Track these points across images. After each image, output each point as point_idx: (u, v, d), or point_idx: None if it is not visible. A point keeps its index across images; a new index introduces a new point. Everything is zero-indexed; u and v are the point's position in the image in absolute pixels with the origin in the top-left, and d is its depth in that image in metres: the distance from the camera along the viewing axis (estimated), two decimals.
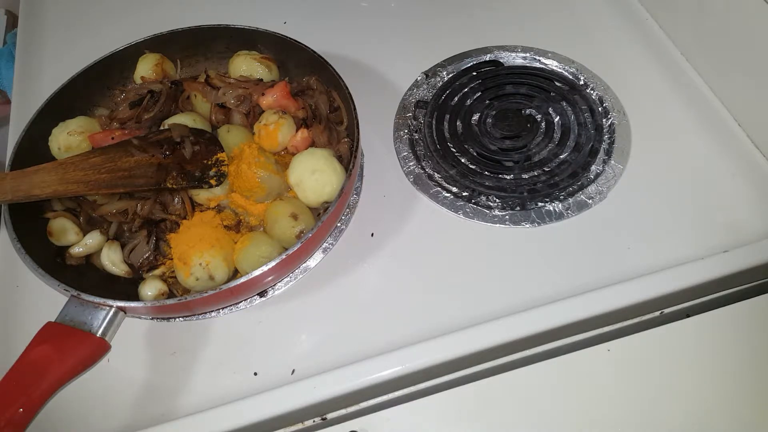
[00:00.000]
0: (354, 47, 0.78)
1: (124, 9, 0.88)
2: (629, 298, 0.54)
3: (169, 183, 0.60)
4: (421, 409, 0.52)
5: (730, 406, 0.50)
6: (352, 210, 0.65)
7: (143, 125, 0.65)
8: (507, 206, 0.63)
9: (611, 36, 0.77)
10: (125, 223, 0.61)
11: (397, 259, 0.61)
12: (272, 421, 0.52)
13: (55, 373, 0.48)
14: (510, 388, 0.52)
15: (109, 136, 0.63)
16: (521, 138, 0.68)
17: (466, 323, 0.54)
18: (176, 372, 0.57)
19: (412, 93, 0.74)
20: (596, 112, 0.70)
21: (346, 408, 0.55)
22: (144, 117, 0.66)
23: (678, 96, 0.70)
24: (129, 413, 0.55)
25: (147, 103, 0.66)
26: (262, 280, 0.54)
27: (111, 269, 0.59)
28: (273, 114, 0.64)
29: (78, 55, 0.72)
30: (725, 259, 0.55)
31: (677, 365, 0.52)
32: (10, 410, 0.46)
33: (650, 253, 0.59)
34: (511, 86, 0.73)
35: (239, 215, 0.62)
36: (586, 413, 0.51)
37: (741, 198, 0.62)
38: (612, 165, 0.65)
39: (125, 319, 0.54)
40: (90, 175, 0.58)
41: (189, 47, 0.72)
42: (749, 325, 0.54)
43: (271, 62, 0.69)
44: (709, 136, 0.67)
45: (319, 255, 0.62)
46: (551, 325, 0.53)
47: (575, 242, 0.61)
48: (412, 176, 0.67)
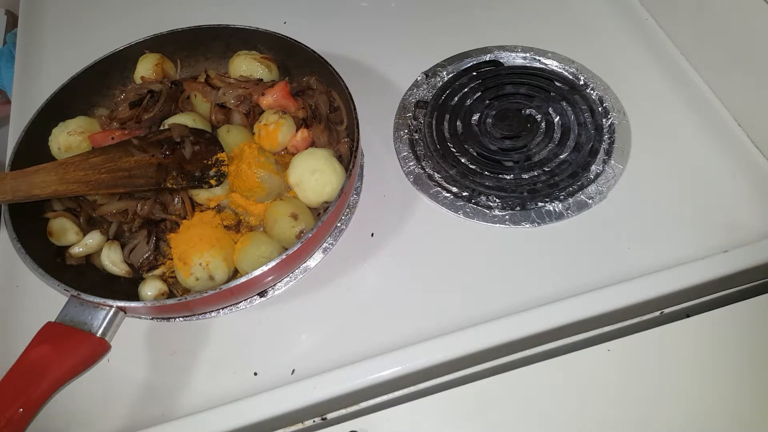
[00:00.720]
0: (354, 47, 0.78)
1: (124, 9, 0.88)
2: (629, 298, 0.54)
3: (169, 183, 0.60)
4: (421, 409, 0.52)
5: (730, 406, 0.50)
6: (352, 210, 0.65)
7: (143, 125, 0.65)
8: (507, 206, 0.63)
9: (611, 36, 0.77)
10: (125, 223, 0.61)
11: (397, 259, 0.61)
12: (272, 421, 0.52)
13: (55, 373, 0.48)
14: (510, 389, 0.52)
15: (109, 136, 0.63)
16: (521, 138, 0.68)
17: (466, 323, 0.54)
18: (176, 372, 0.57)
19: (412, 93, 0.74)
20: (596, 112, 0.70)
21: (346, 408, 0.55)
22: (144, 117, 0.65)
23: (678, 96, 0.70)
24: (129, 413, 0.55)
25: (147, 103, 0.66)
26: (262, 280, 0.54)
27: (111, 269, 0.59)
28: (273, 114, 0.64)
29: (78, 55, 0.72)
30: (725, 259, 0.55)
31: (677, 365, 0.52)
32: (9, 410, 0.46)
33: (650, 253, 0.59)
34: (511, 86, 0.73)
35: (239, 215, 0.62)
36: (586, 413, 0.51)
37: (741, 198, 0.62)
38: (612, 165, 0.65)
39: (125, 319, 0.54)
40: (90, 175, 0.58)
41: (189, 47, 0.72)
42: (749, 325, 0.54)
43: (271, 62, 0.69)
44: (709, 136, 0.67)
45: (319, 255, 0.62)
46: (551, 325, 0.53)
47: (575, 242, 0.61)
48: (412, 176, 0.67)
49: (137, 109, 0.66)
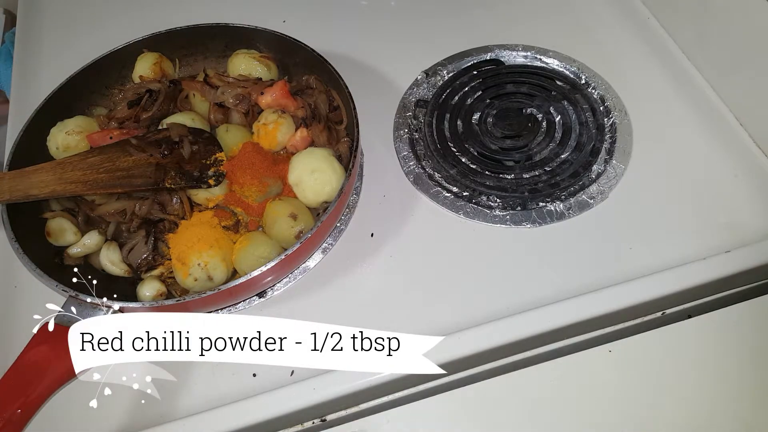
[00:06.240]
0: (354, 46, 0.78)
1: (122, 8, 0.88)
2: (630, 299, 0.54)
3: (167, 183, 0.60)
4: (420, 411, 0.51)
5: (731, 407, 0.50)
6: (352, 210, 0.65)
7: (141, 125, 0.65)
8: (508, 206, 0.63)
9: (613, 35, 0.77)
10: (123, 223, 0.60)
11: (397, 260, 0.61)
12: (271, 423, 0.51)
13: (53, 373, 0.48)
14: (511, 390, 0.52)
15: (108, 135, 0.63)
16: (522, 137, 0.68)
17: (466, 324, 0.53)
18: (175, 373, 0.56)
19: (412, 92, 0.74)
20: (597, 111, 0.69)
21: (346, 409, 0.55)
22: (142, 116, 0.65)
23: (680, 95, 0.70)
24: (128, 414, 0.54)
25: (145, 103, 0.65)
26: (261, 280, 0.54)
27: (110, 269, 0.59)
28: (272, 113, 0.63)
29: (76, 54, 0.72)
30: (727, 260, 0.55)
31: (679, 366, 0.52)
32: (8, 411, 0.46)
33: (652, 253, 0.59)
34: (511, 85, 0.72)
35: (238, 215, 0.62)
36: (587, 414, 0.51)
37: (743, 198, 0.62)
38: (613, 165, 0.65)
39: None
40: (88, 174, 0.58)
41: (188, 46, 0.72)
42: (751, 325, 0.54)
43: (270, 61, 0.69)
44: (711, 135, 0.66)
45: (319, 255, 0.62)
46: (552, 325, 0.53)
47: (576, 242, 0.60)
48: (413, 176, 0.67)
49: (136, 109, 0.66)
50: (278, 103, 0.65)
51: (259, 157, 0.61)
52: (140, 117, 0.65)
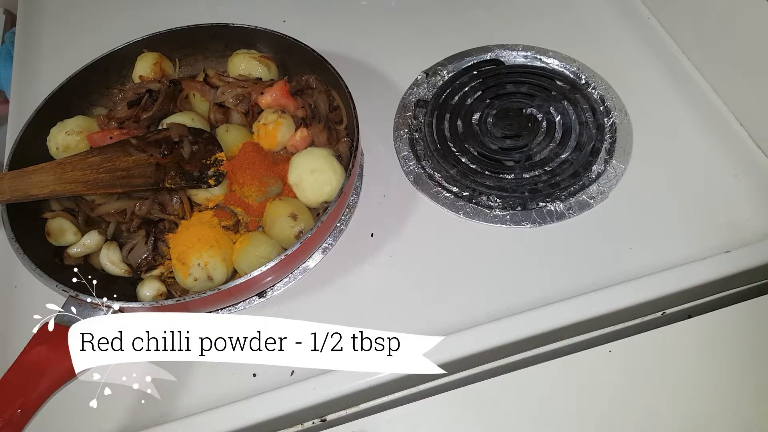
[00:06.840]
0: (354, 46, 0.78)
1: (122, 8, 0.88)
2: (631, 299, 0.54)
3: (167, 183, 0.60)
4: (421, 411, 0.51)
5: (731, 407, 0.50)
6: (352, 210, 0.65)
7: (141, 125, 0.65)
8: (508, 206, 0.63)
9: (613, 35, 0.77)
10: (123, 223, 0.60)
11: (397, 260, 0.61)
12: (271, 423, 0.51)
13: (53, 373, 0.48)
14: (511, 390, 0.52)
15: (108, 135, 0.63)
16: (522, 137, 0.68)
17: (466, 324, 0.53)
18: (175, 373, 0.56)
19: (412, 92, 0.74)
20: (598, 111, 0.69)
21: (346, 409, 0.55)
22: (142, 116, 0.65)
23: (680, 95, 0.70)
24: (128, 414, 0.54)
25: (145, 103, 0.65)
26: (261, 280, 0.54)
27: (110, 269, 0.59)
28: (272, 113, 0.63)
29: (76, 54, 0.72)
30: (727, 260, 0.55)
31: (679, 366, 0.52)
32: (8, 411, 0.45)
33: (652, 253, 0.59)
34: (511, 85, 0.72)
35: (238, 215, 0.62)
36: (587, 414, 0.51)
37: (743, 198, 0.62)
38: (613, 165, 0.65)
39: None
40: (88, 174, 0.58)
41: (188, 46, 0.72)
42: (751, 325, 0.54)
43: (270, 61, 0.69)
44: (711, 135, 0.66)
45: (319, 255, 0.62)
46: (552, 325, 0.53)
47: (576, 242, 0.60)
48: (413, 176, 0.67)
49: (135, 109, 0.66)
50: (278, 103, 0.65)
51: (259, 157, 0.61)
52: (140, 117, 0.65)
